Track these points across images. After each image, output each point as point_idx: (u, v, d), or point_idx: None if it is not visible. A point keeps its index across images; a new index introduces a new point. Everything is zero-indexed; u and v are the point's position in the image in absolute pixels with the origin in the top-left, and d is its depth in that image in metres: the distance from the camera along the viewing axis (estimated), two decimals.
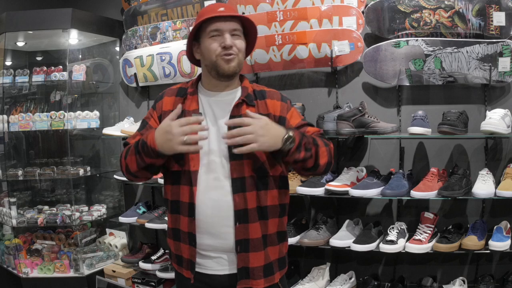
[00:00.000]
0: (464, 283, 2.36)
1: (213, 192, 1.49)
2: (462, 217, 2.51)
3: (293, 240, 2.48)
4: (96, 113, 3.32)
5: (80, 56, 3.46)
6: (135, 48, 3.22)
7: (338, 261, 2.72)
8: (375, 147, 2.67)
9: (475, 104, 2.47)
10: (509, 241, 2.18)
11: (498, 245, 2.16)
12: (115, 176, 3.11)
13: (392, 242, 2.30)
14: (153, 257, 2.94)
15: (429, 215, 2.35)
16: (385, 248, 2.29)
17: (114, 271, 3.07)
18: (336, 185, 2.40)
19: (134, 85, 3.26)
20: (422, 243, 2.26)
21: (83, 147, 3.69)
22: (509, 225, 2.27)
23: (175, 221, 1.56)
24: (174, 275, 1.68)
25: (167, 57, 3.02)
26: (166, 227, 2.59)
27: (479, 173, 2.28)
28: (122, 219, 3.06)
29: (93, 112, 3.32)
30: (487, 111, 2.30)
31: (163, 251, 3.01)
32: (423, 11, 2.44)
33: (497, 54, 2.33)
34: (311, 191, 2.43)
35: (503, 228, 2.23)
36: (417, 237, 2.30)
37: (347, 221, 2.51)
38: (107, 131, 3.13)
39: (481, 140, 2.46)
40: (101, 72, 3.56)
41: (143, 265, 2.91)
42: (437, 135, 2.26)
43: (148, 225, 2.88)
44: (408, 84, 2.53)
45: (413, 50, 2.44)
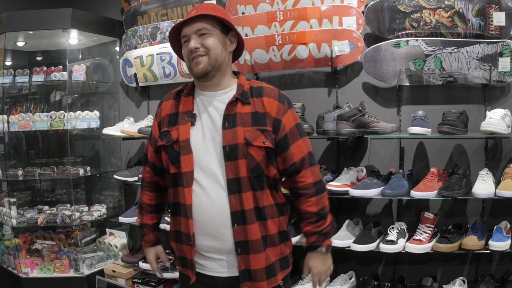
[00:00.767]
0: (464, 283, 2.36)
1: (209, 193, 1.49)
2: (462, 217, 2.51)
3: (293, 240, 2.46)
4: (96, 113, 3.32)
5: (80, 56, 3.46)
6: (135, 48, 3.22)
7: (338, 261, 2.71)
8: (375, 147, 2.67)
9: (475, 104, 2.47)
10: (509, 241, 2.18)
11: (498, 245, 2.16)
12: (115, 176, 3.10)
13: (392, 242, 2.30)
14: None
15: (429, 215, 2.35)
16: (385, 248, 2.29)
17: (114, 271, 3.07)
18: (336, 185, 2.40)
19: (134, 85, 3.26)
20: (422, 243, 2.26)
21: (83, 147, 3.69)
22: (509, 225, 2.27)
23: (176, 223, 1.56)
24: (178, 275, 1.68)
25: (167, 57, 3.02)
26: (166, 227, 2.59)
27: (479, 173, 2.28)
28: (122, 219, 3.06)
29: (93, 112, 3.31)
30: (487, 111, 2.30)
31: None
32: (423, 11, 2.44)
33: (497, 54, 2.33)
34: None
35: (503, 228, 2.23)
36: (417, 237, 2.30)
37: (347, 221, 2.51)
38: (107, 131, 3.12)
39: (481, 140, 2.46)
40: (101, 72, 3.56)
41: (143, 265, 2.90)
42: (437, 135, 2.26)
43: None
44: (408, 84, 2.53)
45: (413, 50, 2.44)
